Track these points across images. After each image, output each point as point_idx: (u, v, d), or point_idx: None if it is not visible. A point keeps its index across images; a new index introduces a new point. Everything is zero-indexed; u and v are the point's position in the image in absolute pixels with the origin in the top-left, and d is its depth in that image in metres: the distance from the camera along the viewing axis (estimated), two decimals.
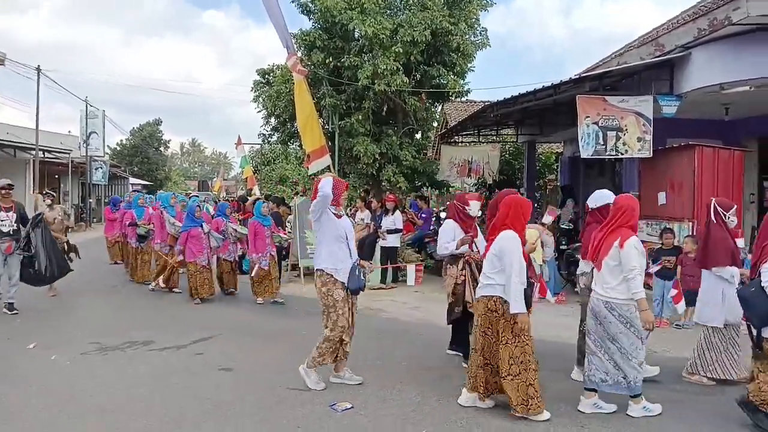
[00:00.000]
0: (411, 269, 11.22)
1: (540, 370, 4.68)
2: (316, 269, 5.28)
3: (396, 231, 11.42)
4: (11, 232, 8.18)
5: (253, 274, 9.40)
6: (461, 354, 6.11)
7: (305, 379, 5.22)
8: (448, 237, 5.97)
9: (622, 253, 4.54)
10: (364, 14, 12.20)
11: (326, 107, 12.91)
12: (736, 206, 5.73)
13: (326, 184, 5.08)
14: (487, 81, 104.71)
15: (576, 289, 6.81)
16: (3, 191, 8.31)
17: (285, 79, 14.72)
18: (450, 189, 17.66)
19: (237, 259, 10.44)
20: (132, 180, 41.88)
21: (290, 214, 12.50)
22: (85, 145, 28.20)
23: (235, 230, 10.12)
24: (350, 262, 5.22)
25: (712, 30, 7.66)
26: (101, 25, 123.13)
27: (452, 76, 13.37)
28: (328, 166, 10.98)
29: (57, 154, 27.20)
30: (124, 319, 8.16)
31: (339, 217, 5.33)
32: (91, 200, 29.86)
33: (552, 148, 19.79)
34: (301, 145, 14.17)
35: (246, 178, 22.96)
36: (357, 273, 5.22)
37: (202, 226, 9.48)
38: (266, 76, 18.61)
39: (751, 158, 10.18)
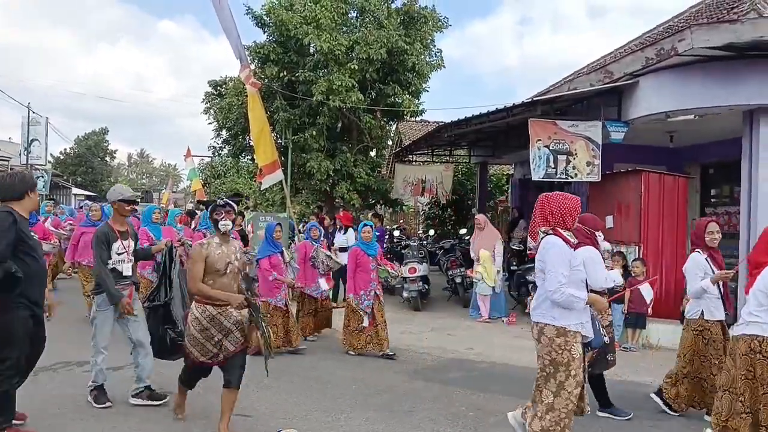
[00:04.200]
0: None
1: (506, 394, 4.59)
2: (556, 327, 3.83)
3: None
4: (131, 273, 5.28)
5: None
6: (619, 415, 5.23)
7: None
8: (601, 267, 4.73)
9: None
10: (319, 29, 12.14)
11: (279, 121, 12.72)
12: None
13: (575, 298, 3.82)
14: (442, 102, 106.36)
15: (527, 310, 6.49)
16: (130, 208, 5.31)
17: (237, 91, 14.50)
18: (404, 207, 17.69)
19: (324, 297, 8.27)
20: (75, 190, 40.50)
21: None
22: (25, 152, 27.20)
23: (329, 257, 8.01)
24: (589, 311, 4.01)
25: (659, 59, 7.88)
26: (49, 30, 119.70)
27: (407, 96, 13.41)
28: (281, 180, 10.81)
29: None
30: (60, 334, 7.64)
31: (575, 247, 4.08)
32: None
33: (503, 170, 20.07)
34: (253, 159, 13.92)
35: (194, 191, 22.48)
36: (597, 326, 4.12)
37: (282, 253, 7.28)
38: (218, 87, 18.34)
39: (693, 184, 10.52)
